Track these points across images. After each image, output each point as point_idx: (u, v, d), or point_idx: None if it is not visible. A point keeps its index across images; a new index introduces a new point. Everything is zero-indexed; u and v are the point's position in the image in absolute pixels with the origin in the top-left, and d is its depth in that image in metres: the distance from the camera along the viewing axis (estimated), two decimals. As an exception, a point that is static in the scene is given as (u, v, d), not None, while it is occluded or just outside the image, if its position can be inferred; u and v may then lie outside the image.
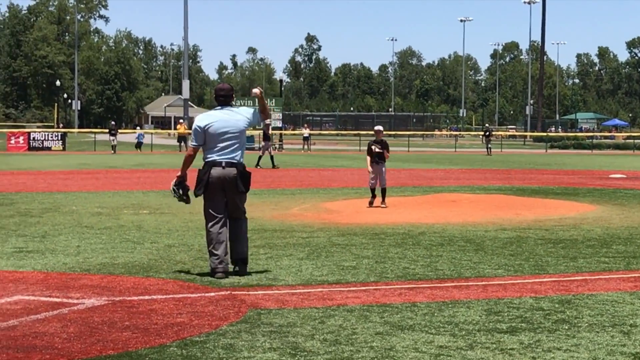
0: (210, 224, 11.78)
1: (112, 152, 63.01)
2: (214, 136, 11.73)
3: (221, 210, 11.77)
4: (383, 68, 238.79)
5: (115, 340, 8.14)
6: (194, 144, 11.87)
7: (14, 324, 8.75)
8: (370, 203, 21.21)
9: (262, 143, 43.78)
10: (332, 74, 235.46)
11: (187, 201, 12.31)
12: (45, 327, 8.62)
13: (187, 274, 11.76)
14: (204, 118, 11.90)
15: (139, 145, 69.02)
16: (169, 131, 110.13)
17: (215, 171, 11.69)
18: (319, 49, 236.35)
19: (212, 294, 10.45)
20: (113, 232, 16.22)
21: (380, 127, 22.34)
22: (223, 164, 11.71)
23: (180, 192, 12.12)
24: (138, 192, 26.35)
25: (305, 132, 77.86)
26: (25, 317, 9.05)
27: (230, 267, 11.84)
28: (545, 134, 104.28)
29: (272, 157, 42.90)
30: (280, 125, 73.72)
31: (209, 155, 11.77)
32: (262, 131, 45.06)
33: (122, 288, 10.77)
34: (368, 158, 21.55)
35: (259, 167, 41.26)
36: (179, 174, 12.10)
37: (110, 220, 18.28)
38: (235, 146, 11.80)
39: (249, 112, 12.07)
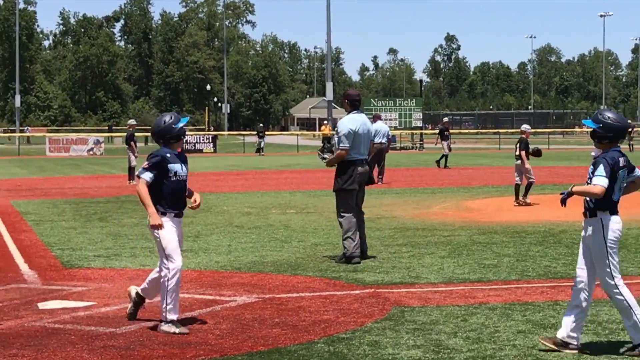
0: (348, 214, 12.65)
1: (260, 153, 63.61)
2: (359, 137, 12.75)
3: (355, 202, 12.81)
4: (522, 66, 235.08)
5: (266, 336, 8.27)
6: (348, 145, 12.65)
7: (170, 321, 8.97)
8: (518, 202, 21.03)
9: (442, 142, 41.64)
10: (471, 72, 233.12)
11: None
12: (199, 324, 8.82)
13: (333, 272, 11.86)
14: (352, 122, 12.82)
15: (259, 149, 68.20)
16: (313, 132, 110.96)
17: (361, 168, 12.79)
18: (458, 48, 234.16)
19: (357, 291, 10.51)
20: (262, 231, 16.47)
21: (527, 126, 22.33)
22: (364, 162, 12.88)
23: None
24: (285, 192, 26.66)
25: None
26: (181, 314, 9.26)
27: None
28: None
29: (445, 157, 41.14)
30: (421, 124, 73.32)
31: (353, 155, 12.72)
32: (440, 130, 42.86)
33: (271, 286, 10.94)
34: (523, 153, 21.43)
35: (447, 167, 39.75)
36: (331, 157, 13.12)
37: (259, 219, 18.55)
38: (367, 146, 13.02)
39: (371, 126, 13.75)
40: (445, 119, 47.61)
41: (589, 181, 7.63)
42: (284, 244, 14.77)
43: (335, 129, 13.11)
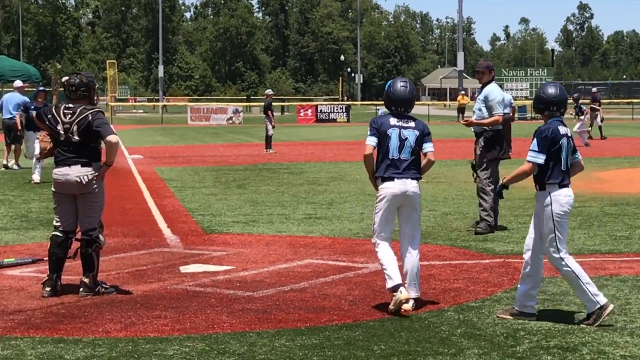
0: (492, 187, 12.46)
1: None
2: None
3: None
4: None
5: (397, 303, 8.26)
6: (502, 112, 12.59)
7: (304, 286, 9.09)
8: None
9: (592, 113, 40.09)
10: (604, 41, 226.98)
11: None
12: (333, 290, 8.89)
13: (463, 241, 11.78)
14: (501, 91, 12.80)
15: None
16: (444, 102, 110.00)
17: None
18: (591, 17, 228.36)
19: (487, 261, 10.42)
20: (394, 200, 16.40)
21: None
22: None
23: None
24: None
25: (577, 101, 75.27)
26: (315, 280, 9.37)
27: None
28: None
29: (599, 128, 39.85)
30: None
31: (499, 125, 12.61)
32: (592, 100, 41.20)
33: (402, 254, 10.91)
34: None
35: (604, 137, 38.54)
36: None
37: (390, 188, 18.47)
38: None
39: None
40: (594, 90, 46.08)
41: None
42: (415, 212, 14.69)
43: (484, 96, 12.56)
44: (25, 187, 19.09)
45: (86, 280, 8.72)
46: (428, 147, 8.32)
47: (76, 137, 8.66)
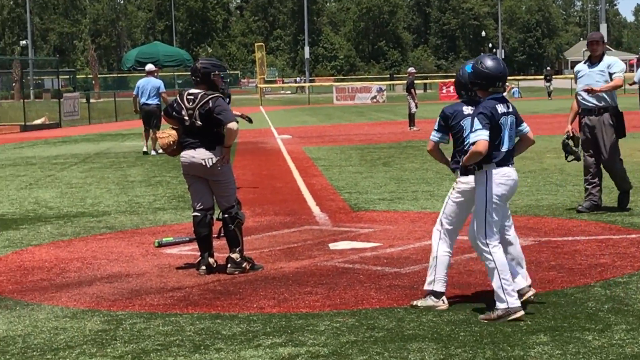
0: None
1: (549, 98, 61.34)
2: None
3: None
4: None
5: (542, 279, 8.17)
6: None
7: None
8: None
9: None
10: None
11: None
12: (478, 266, 8.78)
13: (608, 216, 11.49)
14: None
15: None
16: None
17: None
18: None
19: (634, 235, 10.15)
20: (537, 175, 16.17)
21: None
22: None
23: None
24: (560, 136, 25.96)
25: None
26: (460, 256, 9.29)
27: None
28: None
29: None
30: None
31: None
32: None
33: (547, 229, 10.75)
34: None
35: None
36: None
37: (534, 164, 18.18)
38: None
39: None
40: None
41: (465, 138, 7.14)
42: (558, 187, 14.45)
43: (607, 65, 11.77)
44: (180, 168, 19.59)
45: (233, 256, 8.90)
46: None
47: (199, 122, 8.86)
